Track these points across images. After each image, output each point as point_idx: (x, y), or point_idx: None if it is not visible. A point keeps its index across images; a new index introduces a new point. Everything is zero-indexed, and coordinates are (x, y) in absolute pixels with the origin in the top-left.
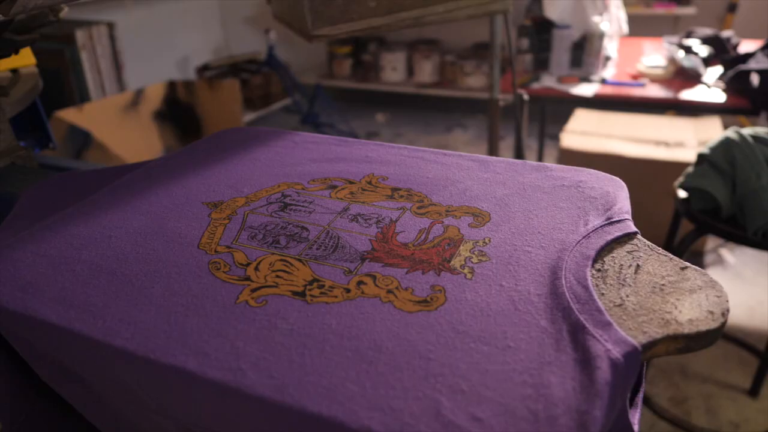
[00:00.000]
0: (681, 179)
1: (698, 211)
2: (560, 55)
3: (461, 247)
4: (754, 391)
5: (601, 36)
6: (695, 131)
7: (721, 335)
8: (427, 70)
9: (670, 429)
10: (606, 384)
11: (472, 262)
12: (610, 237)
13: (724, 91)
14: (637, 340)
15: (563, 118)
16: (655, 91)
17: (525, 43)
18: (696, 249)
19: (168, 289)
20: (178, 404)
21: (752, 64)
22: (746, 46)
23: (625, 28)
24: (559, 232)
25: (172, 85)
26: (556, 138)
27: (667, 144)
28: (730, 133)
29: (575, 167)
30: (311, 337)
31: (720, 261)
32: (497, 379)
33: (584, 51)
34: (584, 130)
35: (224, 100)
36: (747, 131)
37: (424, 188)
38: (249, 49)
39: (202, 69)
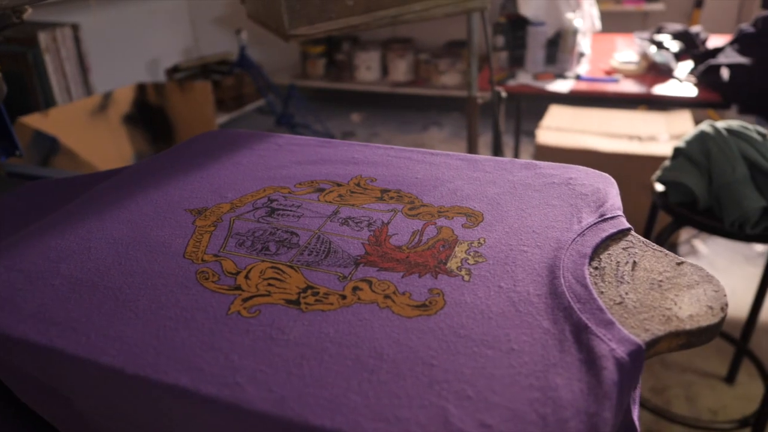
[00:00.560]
0: (658, 173)
1: (676, 203)
2: (535, 52)
3: (456, 249)
4: (730, 379)
5: (574, 33)
6: (667, 125)
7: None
8: (401, 69)
9: (652, 418)
10: (614, 384)
11: (468, 264)
12: (605, 234)
13: (696, 85)
14: (640, 338)
15: (537, 114)
16: (628, 87)
17: (500, 40)
18: (670, 240)
19: (155, 301)
20: (171, 423)
21: (722, 59)
22: (715, 41)
23: (598, 25)
24: (553, 230)
25: (141, 88)
26: (531, 134)
27: (640, 138)
28: (705, 127)
29: (564, 164)
30: (309, 346)
31: (693, 252)
32: (503, 383)
33: (558, 48)
34: (559, 126)
35: (196, 103)
36: (721, 125)
37: (414, 189)
38: (220, 50)
39: (172, 71)
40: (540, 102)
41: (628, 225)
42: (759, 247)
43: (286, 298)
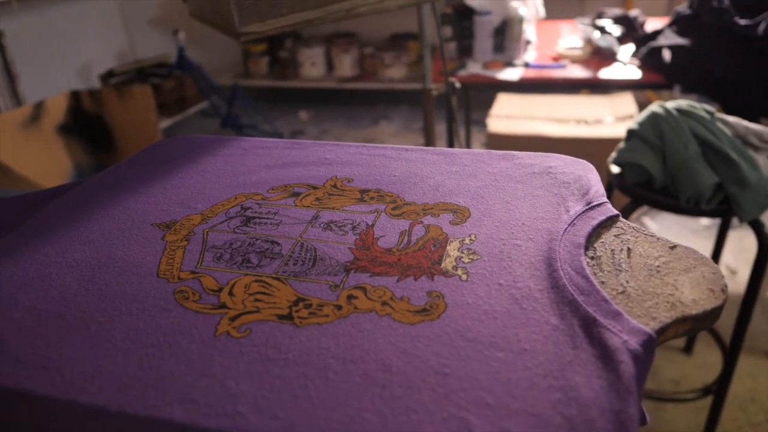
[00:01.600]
0: (614, 155)
1: (632, 184)
2: (483, 41)
3: (448, 247)
4: (688, 349)
5: (520, 21)
6: (611, 107)
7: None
8: (347, 64)
9: None
10: (633, 378)
11: (463, 262)
12: (595, 222)
13: (639, 67)
14: (648, 326)
15: (483, 103)
16: (576, 72)
17: (447, 31)
18: None
19: (132, 328)
20: None
21: (662, 41)
22: (653, 24)
23: (542, 12)
24: (543, 221)
25: (75, 96)
26: (479, 124)
27: (586, 122)
28: (656, 108)
29: (542, 153)
30: (310, 365)
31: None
32: (521, 387)
33: (506, 36)
34: (509, 114)
35: (136, 108)
36: (671, 105)
37: (394, 187)
38: (157, 52)
39: (107, 76)
40: (486, 91)
41: (615, 211)
42: (704, 221)
43: (277, 314)
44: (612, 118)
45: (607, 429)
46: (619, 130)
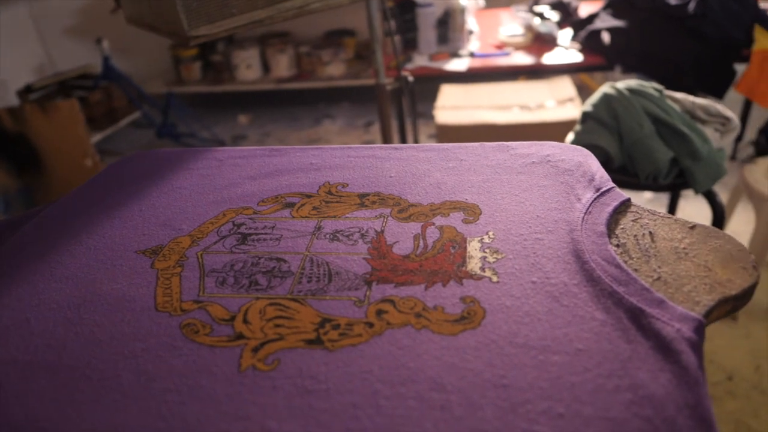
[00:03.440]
0: (571, 137)
1: None
2: (427, 33)
3: (468, 248)
4: None
5: (462, 11)
6: (551, 91)
7: None
8: (283, 64)
9: None
10: (697, 367)
11: (488, 262)
12: (610, 208)
13: (580, 51)
14: (694, 311)
15: (425, 95)
16: (520, 59)
17: (391, 24)
18: None
19: (141, 373)
20: None
21: (599, 24)
22: (586, 8)
23: (482, 1)
24: (556, 211)
25: None
26: (423, 116)
27: (529, 107)
28: (608, 89)
29: (534, 142)
30: (356, 392)
31: None
32: (587, 390)
33: (449, 27)
34: (454, 105)
35: (64, 124)
36: (621, 85)
37: (393, 189)
38: (78, 63)
39: (25, 92)
40: (426, 83)
41: (625, 196)
42: (647, 194)
43: (304, 339)
44: (553, 102)
45: (689, 426)
46: (561, 114)
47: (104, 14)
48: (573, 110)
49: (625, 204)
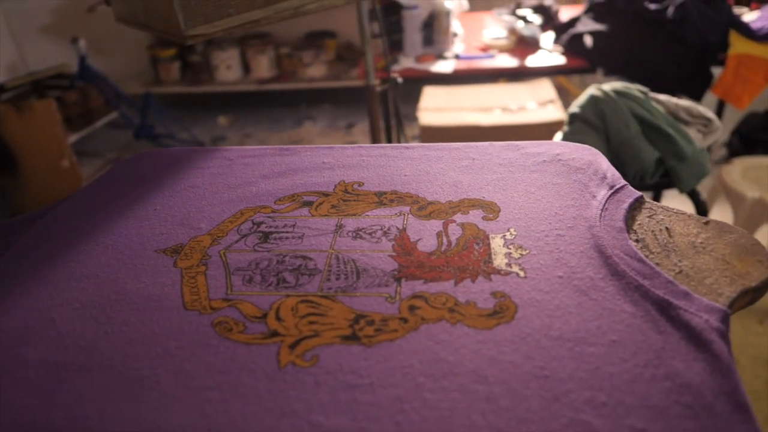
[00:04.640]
0: (559, 137)
1: None
2: (412, 35)
3: (492, 244)
4: None
5: (447, 13)
6: (531, 94)
7: None
8: (264, 65)
9: None
10: (728, 355)
11: (513, 258)
12: (625, 205)
13: (563, 54)
14: (719, 303)
15: (407, 97)
16: (505, 61)
17: (376, 26)
18: None
19: (179, 371)
20: None
21: (581, 27)
22: (566, 12)
23: (465, 4)
24: (573, 209)
25: None
26: (406, 117)
27: (511, 109)
28: (594, 91)
29: (542, 141)
30: (400, 386)
31: None
32: (626, 380)
33: (434, 29)
34: (437, 106)
35: (40, 125)
36: (607, 87)
37: (410, 187)
38: (52, 63)
39: None
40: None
41: (638, 193)
42: None
43: (340, 335)
44: (534, 103)
45: (727, 411)
46: (542, 115)
47: (80, 13)
48: (554, 112)
49: (639, 201)
